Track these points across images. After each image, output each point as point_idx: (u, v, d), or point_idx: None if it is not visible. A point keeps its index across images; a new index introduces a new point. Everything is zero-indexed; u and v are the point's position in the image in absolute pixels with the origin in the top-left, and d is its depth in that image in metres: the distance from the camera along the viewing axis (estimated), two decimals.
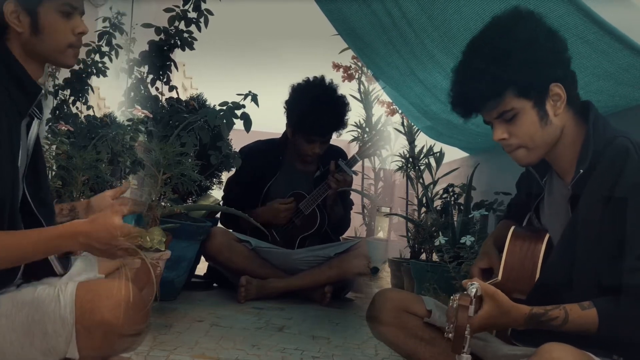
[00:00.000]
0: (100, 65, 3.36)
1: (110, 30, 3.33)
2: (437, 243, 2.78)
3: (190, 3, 3.28)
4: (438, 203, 3.82)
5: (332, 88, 3.84)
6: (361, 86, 5.66)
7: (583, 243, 1.45)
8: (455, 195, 3.67)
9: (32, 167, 1.49)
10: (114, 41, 3.35)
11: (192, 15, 3.30)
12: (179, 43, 3.34)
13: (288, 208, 3.71)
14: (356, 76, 5.54)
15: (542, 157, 1.56)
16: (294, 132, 3.79)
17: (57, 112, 3.31)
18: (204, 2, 3.29)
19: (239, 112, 2.99)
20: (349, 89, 5.63)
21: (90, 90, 3.43)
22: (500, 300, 1.39)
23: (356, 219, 5.22)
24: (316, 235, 3.79)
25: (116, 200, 1.62)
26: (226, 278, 3.62)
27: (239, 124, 3.03)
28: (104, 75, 3.38)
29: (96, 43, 3.35)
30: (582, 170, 1.47)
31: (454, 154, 4.68)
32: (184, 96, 3.96)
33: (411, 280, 3.44)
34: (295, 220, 3.75)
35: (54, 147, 2.60)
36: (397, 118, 5.02)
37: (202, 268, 3.83)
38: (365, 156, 4.22)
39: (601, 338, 1.37)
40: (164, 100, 3.39)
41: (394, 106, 5.04)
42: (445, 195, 3.72)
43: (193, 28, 3.33)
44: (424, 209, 4.03)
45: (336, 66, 5.42)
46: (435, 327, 1.74)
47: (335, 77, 5.28)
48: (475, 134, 3.65)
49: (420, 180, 4.16)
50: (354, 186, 3.96)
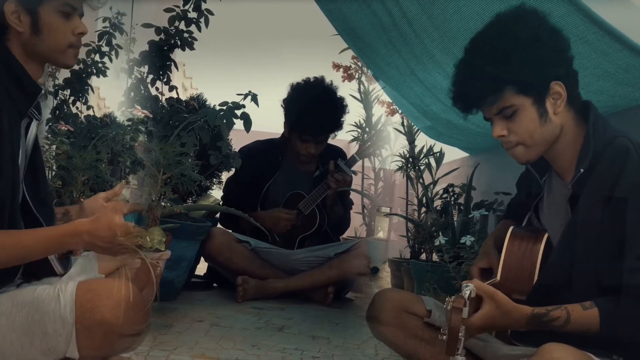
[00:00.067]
0: (100, 65, 3.36)
1: (110, 30, 3.33)
2: (437, 243, 2.78)
3: (190, 3, 3.27)
4: (438, 203, 3.82)
5: (330, 89, 3.82)
6: (361, 86, 5.65)
7: (583, 243, 1.45)
8: (455, 195, 3.67)
9: (31, 168, 1.50)
10: (114, 41, 3.35)
11: (192, 15, 3.30)
12: (179, 43, 3.34)
13: (289, 218, 3.69)
14: (356, 76, 5.54)
15: (541, 155, 1.56)
16: (290, 131, 3.80)
17: (57, 112, 3.30)
18: (204, 2, 3.29)
19: (239, 112, 2.99)
20: (349, 89, 5.65)
21: (90, 90, 3.42)
22: (501, 300, 1.39)
23: (356, 219, 5.22)
24: (316, 235, 3.79)
25: (109, 203, 1.61)
26: (226, 278, 3.62)
27: (239, 124, 3.03)
28: (104, 75, 3.38)
29: (96, 43, 3.34)
30: (583, 170, 1.47)
31: (454, 154, 4.68)
32: (184, 96, 3.96)
33: (411, 280, 3.44)
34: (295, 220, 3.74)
35: (54, 147, 2.60)
36: (397, 118, 5.02)
37: (202, 268, 3.82)
38: (364, 156, 4.21)
39: (602, 338, 1.37)
40: (164, 100, 3.39)
41: (394, 106, 5.04)
42: (445, 195, 3.72)
43: (193, 28, 3.33)
44: (424, 209, 4.03)
45: (336, 66, 5.42)
46: (435, 327, 1.74)
47: (335, 77, 5.31)
48: (475, 134, 3.65)
49: (420, 180, 4.16)
50: (354, 186, 3.96)
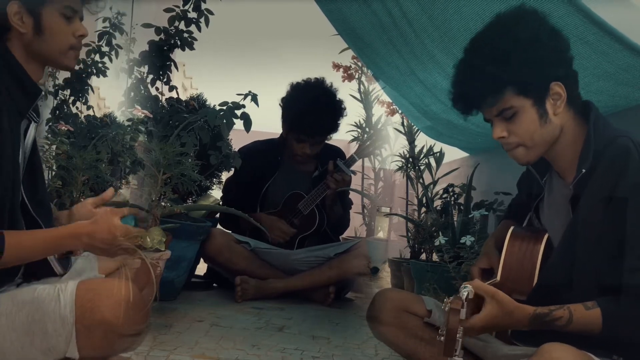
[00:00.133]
0: (100, 65, 3.36)
1: (110, 30, 3.33)
2: (437, 243, 2.78)
3: (190, 3, 3.28)
4: (438, 203, 3.82)
5: (329, 91, 3.80)
6: (361, 86, 5.65)
7: (584, 243, 1.45)
8: (455, 195, 3.67)
9: (29, 170, 1.50)
10: (114, 41, 3.35)
11: (192, 15, 3.31)
12: (179, 43, 3.35)
13: (287, 233, 3.66)
14: (356, 76, 5.54)
15: (541, 156, 1.56)
16: (286, 131, 3.80)
17: (57, 112, 3.30)
18: (204, 2, 3.29)
19: (239, 112, 3.00)
20: (349, 89, 5.65)
21: (90, 90, 3.43)
22: (502, 300, 1.39)
23: (356, 219, 5.22)
24: (315, 235, 3.78)
25: (99, 209, 1.60)
26: (226, 278, 3.62)
27: (239, 124, 3.04)
28: (104, 75, 3.38)
29: (96, 43, 3.35)
30: (584, 170, 1.47)
31: (454, 154, 4.68)
32: (184, 96, 3.96)
33: (411, 280, 3.44)
34: (294, 220, 3.74)
35: (54, 147, 2.60)
36: (397, 118, 5.02)
37: (202, 268, 3.82)
38: (363, 155, 4.20)
39: (604, 338, 1.38)
40: (164, 100, 3.39)
41: (394, 106, 5.04)
42: (445, 195, 3.72)
43: (193, 28, 3.34)
44: (424, 209, 4.03)
45: (336, 66, 5.42)
46: (435, 327, 1.73)
47: (335, 77, 5.31)
48: (475, 134, 3.65)
49: (420, 180, 4.16)
50: (353, 186, 3.96)
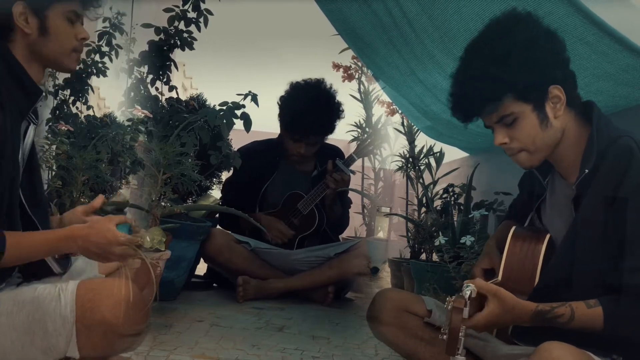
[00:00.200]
0: (100, 65, 3.35)
1: (110, 30, 3.33)
2: (437, 243, 2.79)
3: (189, 3, 3.28)
4: (438, 203, 3.82)
5: (326, 92, 3.79)
6: (361, 86, 5.65)
7: (587, 243, 1.45)
8: (455, 195, 3.67)
9: (28, 171, 1.51)
10: (114, 41, 3.35)
11: (192, 15, 3.31)
12: (178, 43, 3.35)
13: (286, 234, 3.66)
14: (356, 76, 5.54)
15: (545, 159, 1.57)
16: (283, 130, 3.80)
17: (57, 112, 3.30)
18: (204, 2, 3.29)
19: (239, 112, 3.00)
20: (349, 89, 5.64)
21: (90, 90, 3.42)
22: (504, 297, 1.40)
23: (356, 219, 5.22)
24: (315, 235, 3.78)
25: (90, 217, 1.59)
26: (226, 278, 3.62)
27: (239, 124, 3.04)
28: (104, 75, 3.37)
29: (96, 43, 3.34)
30: (587, 170, 1.47)
31: (454, 154, 4.69)
32: (184, 96, 3.96)
33: (411, 280, 3.44)
34: (293, 220, 3.74)
35: (54, 147, 2.60)
36: (397, 118, 5.02)
37: (202, 268, 3.83)
38: (362, 155, 4.19)
39: (606, 337, 1.38)
40: (164, 100, 3.39)
41: (394, 106, 5.04)
42: (445, 195, 3.73)
43: (193, 28, 3.34)
44: (424, 209, 4.03)
45: (336, 66, 5.42)
46: (435, 327, 1.74)
47: (335, 77, 5.30)
48: (476, 134, 3.65)
49: (420, 180, 4.16)
50: (353, 186, 3.96)
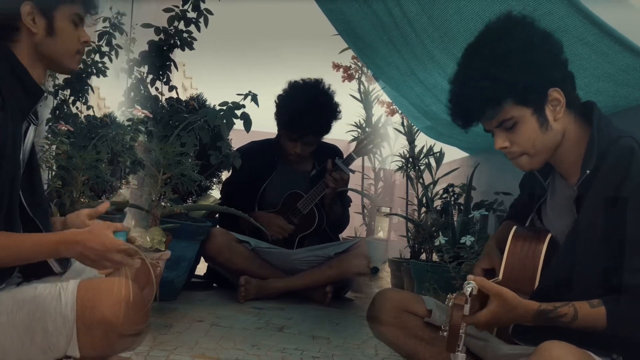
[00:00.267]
0: (100, 65, 3.35)
1: (110, 30, 3.32)
2: (437, 243, 2.79)
3: (189, 3, 3.28)
4: (438, 203, 3.82)
5: (323, 91, 3.79)
6: (361, 86, 5.65)
7: (589, 244, 1.45)
8: (455, 195, 3.67)
9: (28, 171, 1.52)
10: (114, 41, 3.34)
11: (192, 15, 3.31)
12: (178, 43, 3.35)
13: (286, 229, 3.67)
14: (356, 76, 5.53)
15: (545, 162, 1.57)
16: (280, 128, 3.81)
17: (57, 112, 3.30)
18: (203, 2, 3.29)
19: (239, 112, 3.00)
20: (349, 89, 5.64)
21: (90, 90, 3.42)
22: (507, 296, 1.40)
23: (356, 219, 5.21)
24: (315, 234, 3.78)
25: (92, 222, 1.59)
26: (226, 278, 3.62)
27: (239, 124, 3.04)
28: (104, 75, 3.37)
29: (96, 43, 3.34)
30: (589, 171, 1.47)
31: (454, 154, 4.68)
32: (184, 96, 3.96)
33: (411, 280, 3.44)
34: (293, 219, 3.74)
35: (54, 147, 2.60)
36: (397, 118, 5.01)
37: (202, 268, 3.82)
38: (362, 154, 4.18)
39: (609, 336, 1.38)
40: (164, 100, 3.39)
41: (394, 106, 5.03)
42: (445, 195, 3.73)
43: (193, 28, 3.33)
44: (424, 209, 4.03)
45: (336, 66, 5.41)
46: (435, 327, 1.74)
47: (335, 77, 5.29)
48: (476, 134, 3.64)
49: (420, 180, 4.16)
50: (353, 186, 3.96)
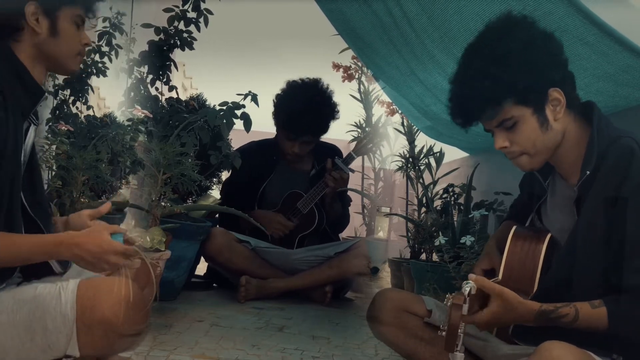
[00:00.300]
0: (100, 65, 3.35)
1: (110, 30, 3.32)
2: (437, 243, 2.79)
3: (189, 3, 3.28)
4: (438, 203, 3.82)
5: (321, 91, 3.78)
6: (361, 86, 5.65)
7: (590, 244, 1.45)
8: (455, 195, 3.67)
9: (28, 171, 1.52)
10: (114, 41, 3.34)
11: (192, 15, 3.30)
12: (178, 43, 3.35)
13: (286, 226, 3.68)
14: (356, 76, 5.53)
15: (545, 162, 1.57)
16: (278, 128, 3.81)
17: (57, 112, 3.30)
18: (204, 2, 3.29)
19: (239, 112, 3.00)
20: (349, 89, 5.64)
21: (90, 90, 3.42)
22: (508, 296, 1.40)
23: (356, 219, 5.21)
24: (315, 234, 3.78)
25: (94, 222, 1.60)
26: (226, 278, 3.62)
27: (239, 124, 3.04)
28: (104, 75, 3.37)
29: (96, 43, 3.34)
30: (589, 172, 1.47)
31: (454, 154, 4.68)
32: (184, 96, 3.96)
33: (411, 280, 3.44)
34: (293, 219, 3.74)
35: (54, 147, 2.60)
36: (397, 118, 5.01)
37: (202, 268, 3.82)
38: (361, 153, 4.17)
39: (610, 337, 1.38)
40: (164, 100, 3.39)
41: (394, 106, 5.03)
42: (445, 195, 3.72)
43: (192, 28, 3.33)
44: (424, 209, 4.03)
45: (336, 66, 5.41)
46: (435, 327, 1.74)
47: (335, 77, 5.29)
48: (476, 134, 3.64)
49: (420, 180, 4.16)
50: (353, 186, 3.95)
